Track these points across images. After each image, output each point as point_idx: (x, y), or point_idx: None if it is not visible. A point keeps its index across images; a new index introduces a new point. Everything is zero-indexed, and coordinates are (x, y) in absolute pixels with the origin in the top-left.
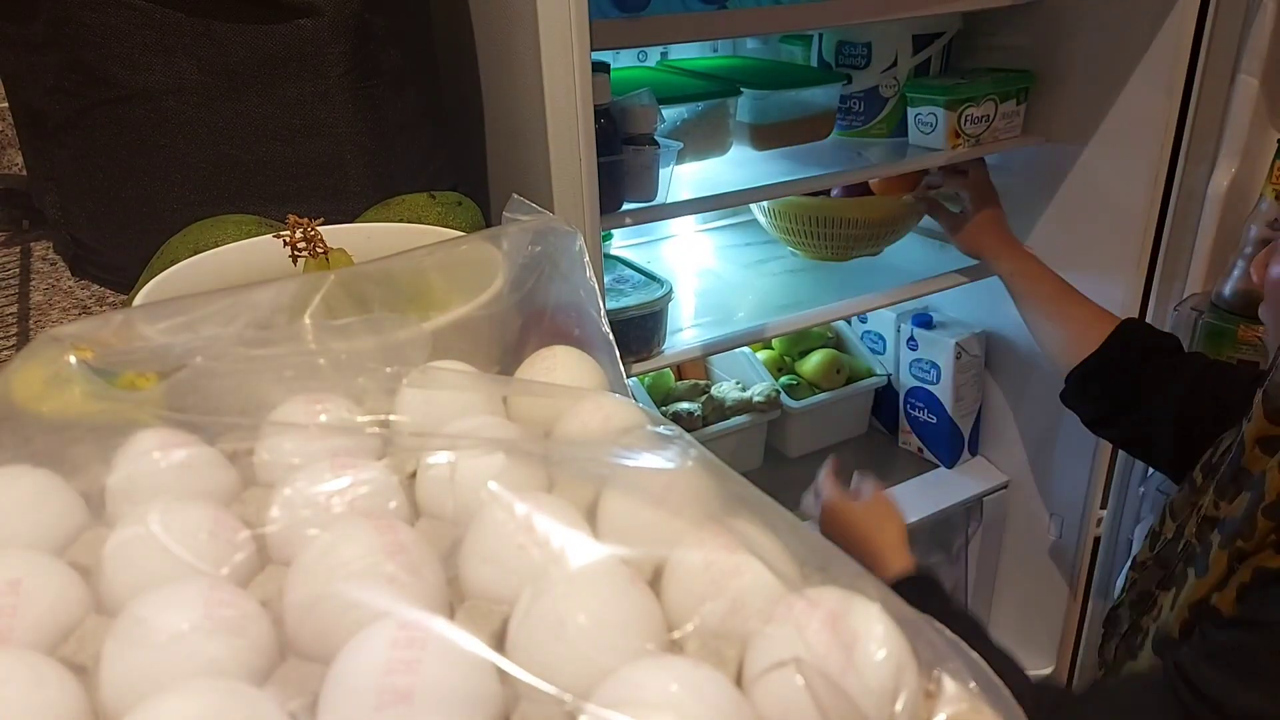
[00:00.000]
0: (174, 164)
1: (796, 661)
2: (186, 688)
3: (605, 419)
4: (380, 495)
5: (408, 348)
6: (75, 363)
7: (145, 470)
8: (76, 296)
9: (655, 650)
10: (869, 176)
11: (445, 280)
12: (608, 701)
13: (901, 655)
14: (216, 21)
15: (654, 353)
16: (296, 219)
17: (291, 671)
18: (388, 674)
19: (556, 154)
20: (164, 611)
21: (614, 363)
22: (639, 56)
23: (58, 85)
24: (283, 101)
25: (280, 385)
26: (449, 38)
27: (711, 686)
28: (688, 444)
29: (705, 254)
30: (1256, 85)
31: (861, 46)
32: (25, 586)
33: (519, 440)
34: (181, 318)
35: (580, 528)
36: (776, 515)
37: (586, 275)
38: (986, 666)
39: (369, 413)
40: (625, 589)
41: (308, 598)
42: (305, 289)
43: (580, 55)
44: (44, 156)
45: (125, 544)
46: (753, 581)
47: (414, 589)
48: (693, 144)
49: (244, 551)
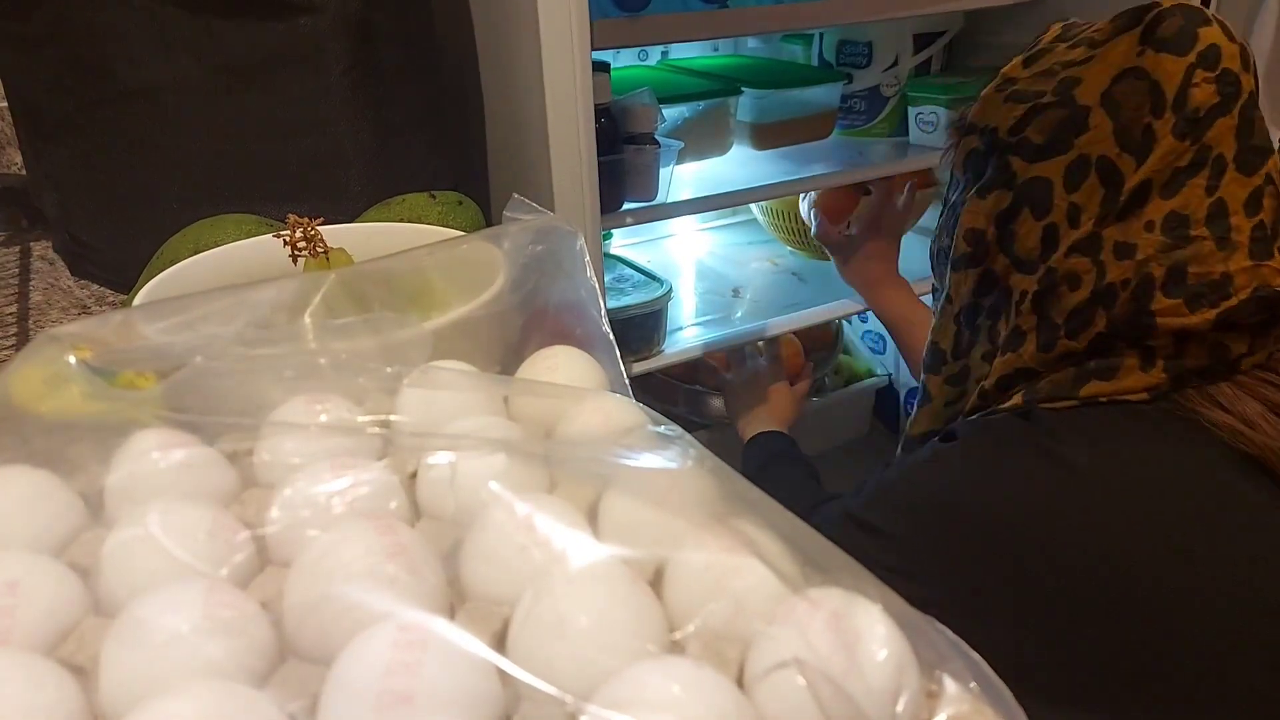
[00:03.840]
0: (174, 162)
1: (798, 662)
2: (186, 689)
3: (606, 419)
4: (381, 496)
5: (408, 348)
6: (74, 362)
7: (144, 470)
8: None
9: (657, 651)
10: (869, 176)
11: (446, 280)
12: (609, 702)
13: (903, 656)
14: (217, 19)
15: (654, 352)
16: (296, 218)
17: (291, 673)
18: (388, 675)
19: (557, 153)
20: (163, 612)
21: (615, 362)
22: (639, 56)
23: (57, 83)
24: (283, 99)
25: (280, 385)
26: (450, 36)
27: (713, 687)
28: (689, 444)
29: (705, 254)
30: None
31: (863, 46)
32: (23, 587)
33: (520, 440)
34: (181, 317)
35: (581, 528)
36: (778, 516)
37: (587, 275)
38: (987, 667)
39: (369, 413)
40: (627, 589)
41: (308, 599)
42: (305, 289)
43: (581, 54)
44: (43, 155)
45: (124, 544)
46: (755, 582)
47: (415, 590)
48: (693, 143)
49: (244, 552)
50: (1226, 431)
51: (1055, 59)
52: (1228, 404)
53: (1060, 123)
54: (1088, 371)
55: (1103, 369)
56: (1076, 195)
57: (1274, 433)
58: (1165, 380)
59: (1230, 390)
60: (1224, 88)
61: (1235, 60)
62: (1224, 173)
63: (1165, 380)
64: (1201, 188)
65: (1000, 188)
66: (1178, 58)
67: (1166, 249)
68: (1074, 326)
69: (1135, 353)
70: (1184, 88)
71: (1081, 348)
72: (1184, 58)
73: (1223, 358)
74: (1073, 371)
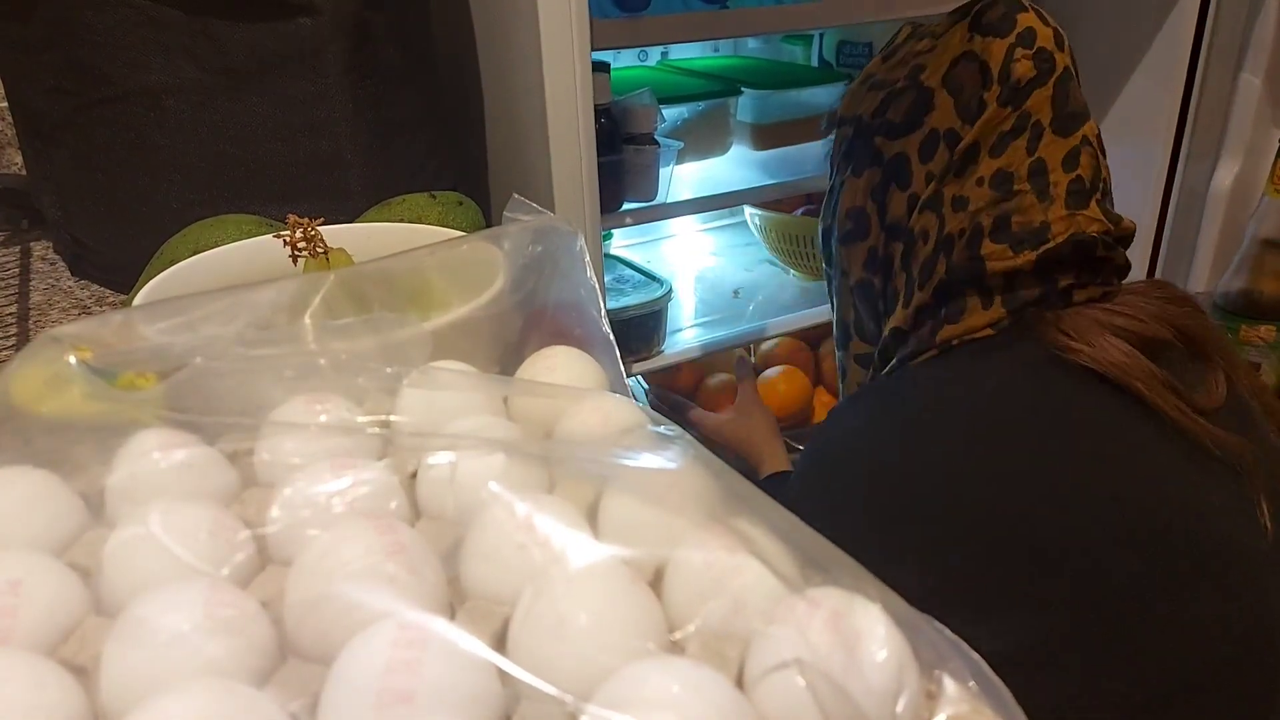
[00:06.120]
0: (173, 163)
1: (798, 662)
2: (187, 688)
3: (606, 419)
4: (381, 495)
5: (408, 348)
6: (75, 363)
7: (145, 470)
8: (76, 296)
9: (656, 650)
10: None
11: (446, 280)
12: (609, 702)
13: (903, 655)
14: (215, 20)
15: (654, 352)
16: (296, 219)
17: (292, 672)
18: (388, 674)
19: (557, 153)
20: (164, 612)
21: (614, 362)
22: (639, 56)
23: (57, 85)
24: (282, 100)
25: (280, 385)
26: (449, 37)
27: (713, 687)
28: (689, 444)
29: (705, 254)
30: (1259, 84)
31: (862, 46)
32: (25, 587)
33: (520, 440)
34: (181, 318)
35: (581, 528)
36: (778, 515)
37: (587, 275)
38: (987, 667)
39: (369, 413)
40: (626, 589)
41: (308, 598)
42: (305, 289)
43: (581, 55)
44: (43, 156)
45: (125, 544)
46: (754, 582)
47: (414, 589)
48: (693, 144)
49: (244, 552)
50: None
51: (907, 51)
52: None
53: (912, 104)
54: (940, 320)
55: (951, 313)
56: (931, 165)
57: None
58: (1005, 315)
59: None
60: (1040, 63)
61: (1049, 41)
62: (1042, 135)
63: (1005, 315)
64: (1023, 149)
65: (871, 166)
66: (1000, 39)
67: (995, 202)
68: (923, 278)
69: (976, 293)
70: (1006, 63)
71: (929, 299)
72: (1005, 39)
73: (1052, 289)
74: (929, 324)
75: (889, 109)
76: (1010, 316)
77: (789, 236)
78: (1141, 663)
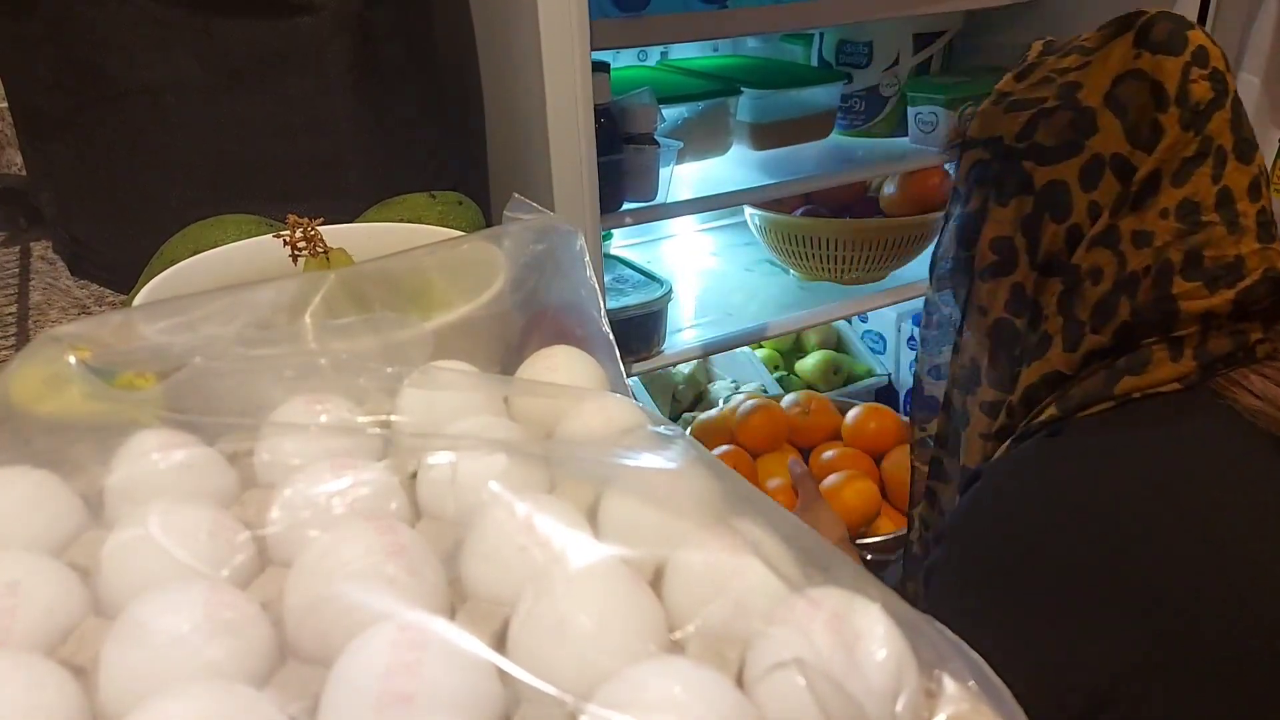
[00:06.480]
0: (173, 162)
1: (798, 662)
2: (186, 690)
3: (606, 419)
4: (381, 496)
5: (409, 348)
6: (74, 363)
7: (144, 471)
8: (75, 296)
9: (657, 651)
10: (868, 176)
11: (446, 280)
12: (609, 703)
13: (903, 655)
14: (217, 18)
15: (654, 352)
16: (296, 218)
17: (292, 674)
18: (389, 676)
19: (557, 153)
20: (164, 613)
21: (614, 362)
22: (639, 56)
23: (56, 82)
24: (283, 99)
25: (280, 385)
26: (450, 36)
27: (713, 687)
28: (689, 444)
29: (705, 254)
30: (1259, 84)
31: (862, 45)
32: (24, 588)
33: (520, 441)
34: (181, 318)
35: (582, 528)
36: (778, 516)
37: (587, 275)
38: (987, 666)
39: (370, 413)
40: (627, 590)
41: (308, 599)
42: (305, 289)
43: (581, 55)
44: (42, 155)
45: (124, 545)
46: (755, 582)
47: (415, 590)
48: (693, 144)
49: (244, 553)
50: (1259, 416)
51: (1048, 69)
52: (1255, 389)
53: (1068, 125)
54: (1119, 370)
55: (1134, 364)
56: (1095, 194)
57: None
58: (1195, 369)
59: (1255, 376)
60: (1216, 84)
61: (1220, 61)
62: (1225, 162)
63: (1195, 369)
64: (1208, 176)
65: (1019, 193)
66: (1174, 58)
67: (1182, 235)
68: (1099, 320)
69: (1163, 344)
70: (1183, 84)
71: (1107, 341)
72: (1179, 57)
73: (1243, 344)
74: (1104, 374)
75: (1037, 130)
76: (1199, 371)
77: (789, 236)
78: None
